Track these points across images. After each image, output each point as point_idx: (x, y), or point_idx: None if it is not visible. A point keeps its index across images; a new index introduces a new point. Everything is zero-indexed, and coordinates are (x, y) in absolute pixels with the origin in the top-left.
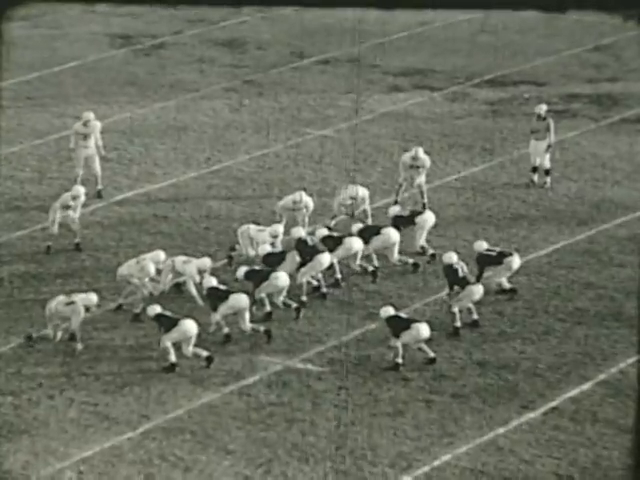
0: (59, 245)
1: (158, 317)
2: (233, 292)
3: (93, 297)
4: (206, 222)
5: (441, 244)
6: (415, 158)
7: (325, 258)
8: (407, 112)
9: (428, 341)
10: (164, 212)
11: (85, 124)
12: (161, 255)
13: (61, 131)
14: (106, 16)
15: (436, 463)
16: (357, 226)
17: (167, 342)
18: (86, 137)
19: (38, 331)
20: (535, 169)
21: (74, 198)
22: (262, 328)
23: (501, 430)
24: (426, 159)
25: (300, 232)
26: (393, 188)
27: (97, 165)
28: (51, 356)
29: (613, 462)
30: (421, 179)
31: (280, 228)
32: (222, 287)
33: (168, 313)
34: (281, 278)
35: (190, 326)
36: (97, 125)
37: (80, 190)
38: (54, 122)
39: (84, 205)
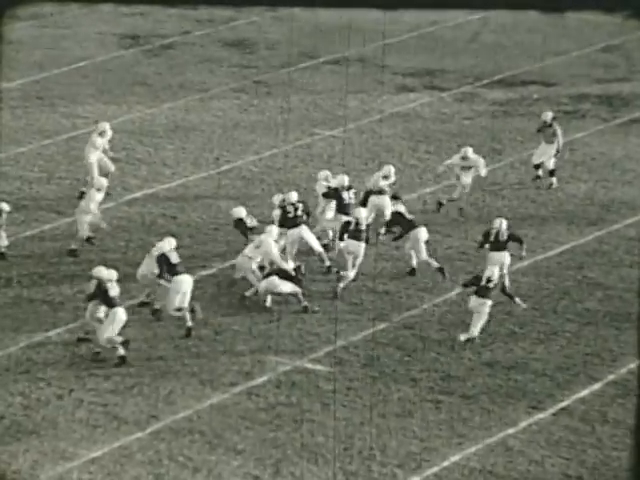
0: (68, 246)
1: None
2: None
3: None
4: (215, 222)
5: (450, 244)
6: (465, 158)
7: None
8: (416, 112)
9: (438, 342)
10: (173, 212)
11: (101, 134)
12: (172, 242)
13: (70, 131)
14: (115, 16)
15: (445, 463)
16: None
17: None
18: (99, 147)
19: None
20: (537, 167)
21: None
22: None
23: (510, 430)
24: (477, 159)
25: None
26: (402, 188)
27: (110, 163)
28: (60, 356)
29: (622, 463)
30: (468, 180)
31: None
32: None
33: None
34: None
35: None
36: (109, 135)
37: (103, 182)
38: (63, 122)
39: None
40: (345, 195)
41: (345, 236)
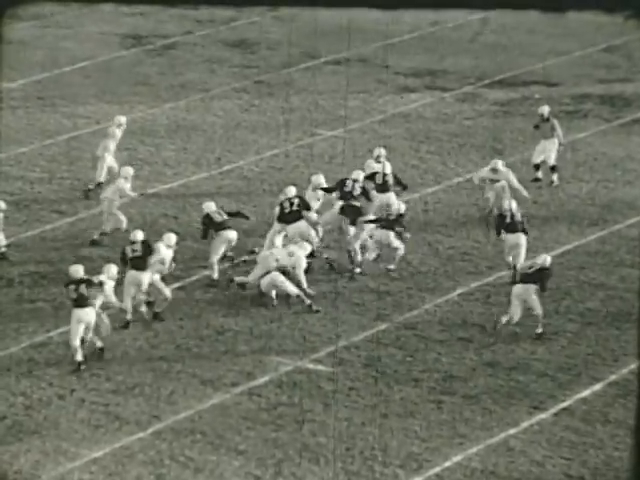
0: (70, 246)
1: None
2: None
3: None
4: None
5: (452, 244)
6: (495, 170)
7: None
8: (418, 113)
9: (440, 342)
10: (174, 212)
11: (119, 127)
12: (172, 238)
13: (71, 131)
14: (117, 16)
15: (447, 464)
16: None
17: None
18: (114, 139)
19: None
20: (537, 167)
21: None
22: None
23: (512, 431)
24: (506, 171)
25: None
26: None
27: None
28: (62, 356)
29: (624, 463)
30: (491, 194)
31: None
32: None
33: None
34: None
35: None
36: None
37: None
38: (64, 122)
39: (95, 205)
40: (349, 183)
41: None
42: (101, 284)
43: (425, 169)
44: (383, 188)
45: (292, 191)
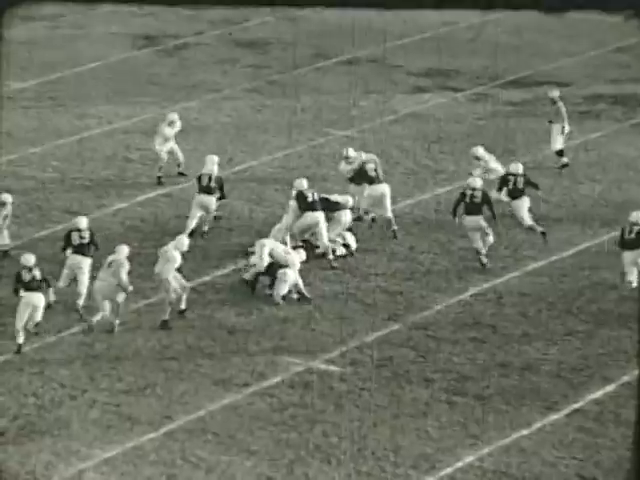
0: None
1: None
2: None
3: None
4: (228, 223)
5: (464, 245)
6: (477, 158)
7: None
8: (430, 113)
9: (452, 342)
10: (186, 213)
11: (170, 124)
12: (185, 240)
13: (83, 132)
14: (128, 17)
15: (459, 464)
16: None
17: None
18: (168, 139)
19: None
20: (560, 153)
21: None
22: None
23: (524, 431)
24: (487, 156)
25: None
26: (415, 189)
27: (180, 154)
28: (73, 357)
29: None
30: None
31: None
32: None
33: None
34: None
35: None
36: (179, 126)
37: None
38: (76, 122)
39: (107, 205)
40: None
41: None
42: (45, 280)
43: (437, 169)
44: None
45: (304, 184)
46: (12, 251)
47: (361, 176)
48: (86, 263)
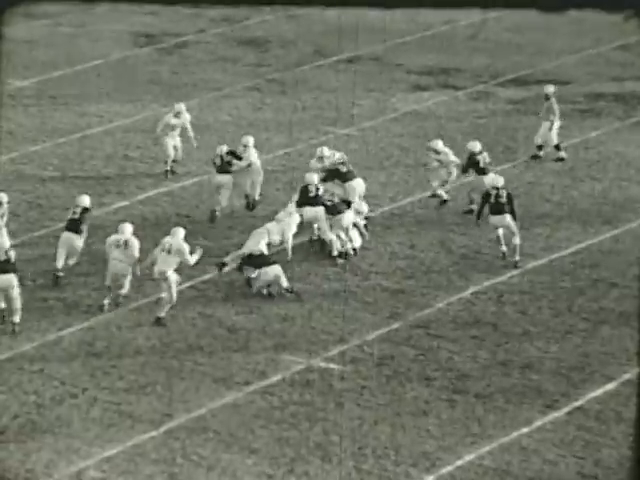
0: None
1: None
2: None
3: None
4: (229, 221)
5: (465, 243)
6: (436, 151)
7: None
8: (430, 111)
9: (453, 341)
10: (187, 211)
11: (176, 115)
12: (181, 232)
13: (84, 130)
14: (129, 15)
15: (459, 463)
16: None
17: None
18: (174, 128)
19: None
20: (540, 147)
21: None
22: None
23: (525, 430)
24: (445, 150)
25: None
26: (416, 187)
27: (181, 152)
28: (74, 355)
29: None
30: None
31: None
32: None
33: None
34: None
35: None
36: (188, 117)
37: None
38: (77, 121)
39: (107, 203)
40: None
41: None
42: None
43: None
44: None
45: (313, 179)
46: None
47: (333, 174)
48: (76, 240)
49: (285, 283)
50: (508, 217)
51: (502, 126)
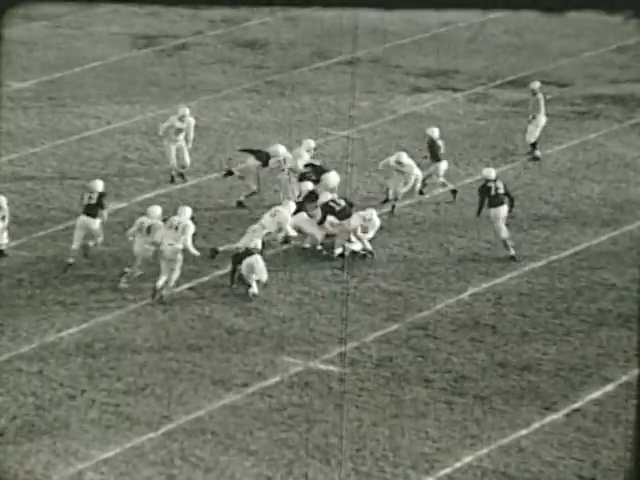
0: (81, 245)
1: None
2: None
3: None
4: (228, 223)
5: (463, 245)
6: (400, 163)
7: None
8: (429, 113)
9: (451, 342)
10: None
11: (181, 119)
12: (188, 211)
13: (82, 131)
14: (128, 16)
15: (458, 464)
16: None
17: None
18: (179, 131)
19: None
20: (534, 145)
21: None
22: None
23: (523, 431)
24: (410, 165)
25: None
26: (414, 189)
27: (187, 156)
28: (72, 356)
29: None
30: (396, 185)
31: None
32: None
33: None
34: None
35: None
36: (192, 121)
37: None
38: (75, 122)
39: (106, 205)
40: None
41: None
42: None
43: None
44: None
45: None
46: (11, 251)
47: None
48: (94, 224)
49: (262, 276)
50: (506, 209)
51: (501, 128)
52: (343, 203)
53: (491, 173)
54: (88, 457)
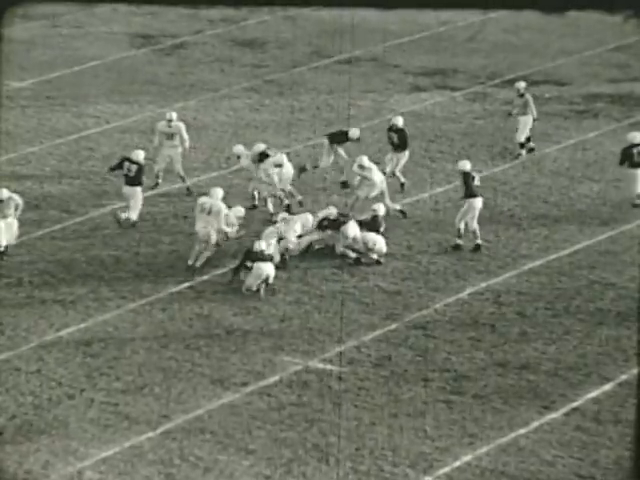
0: (80, 245)
1: None
2: None
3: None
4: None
5: (462, 244)
6: (362, 167)
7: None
8: (428, 112)
9: (450, 341)
10: (184, 212)
11: (169, 124)
12: (219, 192)
13: (81, 131)
14: (126, 16)
15: (457, 464)
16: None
17: None
18: (171, 136)
19: None
20: (522, 145)
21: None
22: None
23: (522, 431)
24: (370, 167)
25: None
26: (413, 188)
27: (180, 165)
28: (71, 356)
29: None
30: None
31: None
32: None
33: None
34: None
35: None
36: (181, 125)
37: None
38: (74, 122)
39: (104, 204)
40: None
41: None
42: None
43: (435, 168)
44: None
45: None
46: (10, 250)
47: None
48: (135, 192)
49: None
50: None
51: (499, 127)
52: (335, 213)
53: (466, 165)
54: (87, 456)
